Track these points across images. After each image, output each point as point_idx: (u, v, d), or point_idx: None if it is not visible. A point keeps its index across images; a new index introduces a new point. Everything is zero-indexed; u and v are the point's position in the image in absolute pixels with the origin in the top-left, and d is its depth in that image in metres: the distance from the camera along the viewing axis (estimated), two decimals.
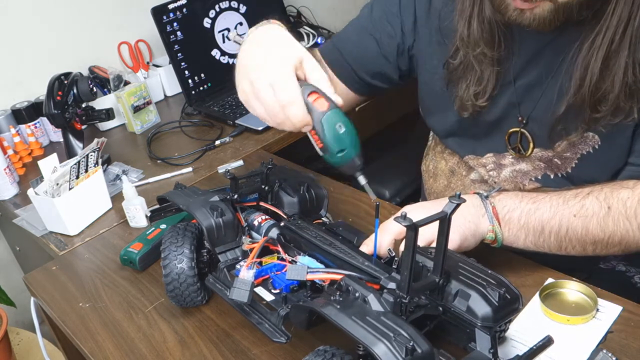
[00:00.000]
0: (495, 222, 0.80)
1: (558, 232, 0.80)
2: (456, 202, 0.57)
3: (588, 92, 0.79)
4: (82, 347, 0.83)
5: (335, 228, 0.82)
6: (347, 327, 0.56)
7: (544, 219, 0.80)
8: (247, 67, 0.76)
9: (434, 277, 0.62)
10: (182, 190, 0.87)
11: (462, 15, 0.87)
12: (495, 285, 0.61)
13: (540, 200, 0.82)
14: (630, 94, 0.78)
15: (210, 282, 0.80)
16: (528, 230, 0.81)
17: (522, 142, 0.93)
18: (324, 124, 0.70)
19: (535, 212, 0.81)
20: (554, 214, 0.80)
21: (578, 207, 0.80)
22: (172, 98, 1.72)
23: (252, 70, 0.75)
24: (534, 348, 0.60)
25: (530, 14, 0.76)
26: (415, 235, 0.56)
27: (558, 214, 0.80)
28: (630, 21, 0.74)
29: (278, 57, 0.75)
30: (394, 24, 0.99)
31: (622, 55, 0.76)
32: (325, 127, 0.70)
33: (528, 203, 0.82)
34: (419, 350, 0.52)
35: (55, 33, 1.59)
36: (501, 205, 0.82)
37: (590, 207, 0.79)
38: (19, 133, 1.46)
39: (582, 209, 0.79)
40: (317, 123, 0.71)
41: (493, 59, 0.87)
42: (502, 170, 0.98)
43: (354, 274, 0.67)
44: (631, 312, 0.75)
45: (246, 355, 0.77)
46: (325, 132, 0.70)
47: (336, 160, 0.72)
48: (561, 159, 0.90)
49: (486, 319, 0.60)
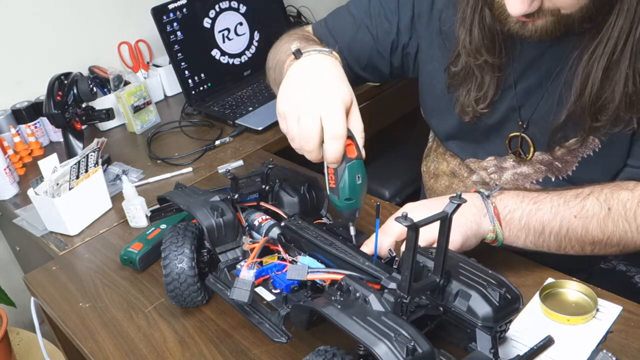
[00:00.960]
0: (497, 223, 0.81)
1: (558, 233, 0.81)
2: (457, 202, 0.57)
3: (588, 101, 0.80)
4: (82, 347, 0.83)
5: (336, 228, 0.82)
6: (347, 327, 0.56)
7: (544, 219, 0.80)
8: (303, 87, 0.76)
9: (434, 277, 0.62)
10: (182, 190, 0.87)
11: (463, 22, 0.87)
12: (495, 285, 0.61)
13: (542, 200, 0.82)
14: (631, 104, 0.78)
15: (210, 282, 0.80)
16: (529, 231, 0.81)
17: (522, 146, 0.93)
18: (347, 169, 0.73)
19: (537, 213, 0.81)
20: (555, 215, 0.80)
21: (579, 208, 0.80)
22: (172, 98, 1.72)
23: (307, 92, 0.75)
24: (535, 348, 0.61)
25: (532, 26, 0.77)
26: (416, 236, 0.56)
27: (559, 214, 0.80)
28: (631, 32, 0.74)
29: (337, 91, 0.74)
30: (391, 20, 0.99)
31: (623, 66, 0.76)
32: (347, 172, 0.74)
33: (529, 203, 0.82)
34: (420, 350, 0.52)
35: (55, 33, 1.59)
36: (502, 205, 0.82)
37: (591, 208, 0.79)
38: (19, 133, 1.46)
39: (582, 210, 0.80)
40: (341, 166, 0.74)
41: (494, 65, 0.88)
42: (503, 173, 0.98)
43: (354, 274, 0.67)
44: (631, 312, 0.75)
45: (246, 355, 0.77)
46: (345, 177, 0.74)
47: (341, 204, 0.76)
48: (562, 162, 0.90)
49: (487, 319, 0.60)
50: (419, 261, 0.65)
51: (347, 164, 0.73)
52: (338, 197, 0.75)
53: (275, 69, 0.99)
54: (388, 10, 0.99)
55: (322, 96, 0.74)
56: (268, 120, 1.41)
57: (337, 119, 0.72)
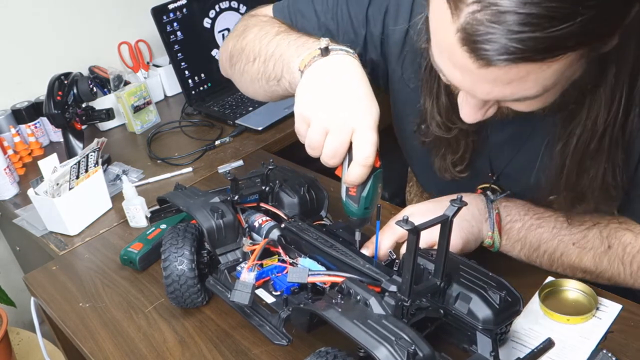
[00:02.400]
0: (496, 230, 0.80)
1: (552, 254, 0.80)
2: (458, 205, 0.57)
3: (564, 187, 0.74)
4: (82, 347, 0.83)
5: (336, 229, 0.82)
6: (348, 331, 0.56)
7: (543, 237, 0.80)
8: (335, 95, 0.68)
9: (435, 280, 0.62)
10: (182, 191, 0.87)
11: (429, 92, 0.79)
12: (496, 288, 0.61)
13: (545, 218, 0.80)
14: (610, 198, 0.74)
15: (210, 283, 0.81)
16: (524, 244, 0.81)
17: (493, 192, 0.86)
18: (373, 179, 0.70)
19: (537, 229, 0.80)
20: (554, 236, 0.79)
21: (579, 237, 0.79)
22: (172, 98, 1.72)
23: (340, 103, 0.68)
24: (535, 351, 0.61)
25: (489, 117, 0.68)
26: (417, 239, 0.56)
27: (558, 237, 0.79)
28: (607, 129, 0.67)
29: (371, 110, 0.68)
30: (358, 32, 0.89)
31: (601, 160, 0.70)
32: (371, 182, 0.70)
33: (532, 218, 0.80)
34: (421, 354, 0.52)
35: (55, 33, 1.59)
36: (505, 213, 0.81)
37: (592, 241, 0.78)
38: (19, 133, 1.46)
39: (582, 240, 0.78)
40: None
41: (468, 131, 0.80)
42: None
43: (355, 276, 0.67)
44: (631, 311, 0.75)
45: (246, 355, 0.77)
46: (369, 187, 0.70)
47: (357, 212, 0.72)
48: None
49: (487, 322, 0.60)
50: (419, 264, 0.65)
51: (373, 174, 0.70)
52: (357, 206, 0.72)
53: (270, 61, 0.83)
54: (355, 20, 0.88)
55: (357, 114, 0.67)
56: (268, 120, 1.41)
57: (369, 144, 0.66)
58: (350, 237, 0.78)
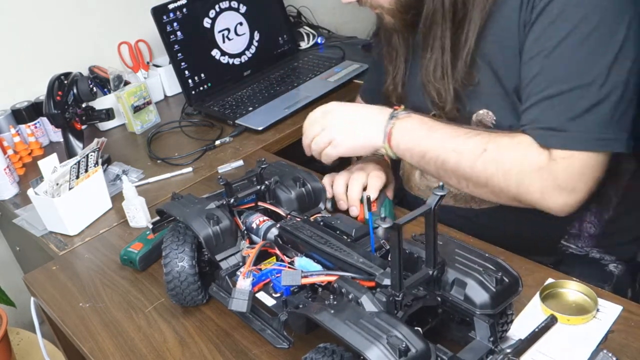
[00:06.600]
0: (386, 143, 0.91)
1: (435, 160, 0.88)
2: (440, 193, 0.56)
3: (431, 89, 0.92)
4: (82, 347, 0.83)
5: (334, 221, 0.81)
6: (341, 334, 0.55)
7: (429, 146, 0.88)
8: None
9: (427, 270, 0.61)
10: (178, 201, 0.86)
11: None
12: (492, 270, 0.60)
13: (436, 129, 0.88)
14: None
15: (214, 290, 0.81)
16: (412, 153, 0.90)
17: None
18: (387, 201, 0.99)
19: (425, 140, 0.88)
20: (438, 145, 0.87)
21: (460, 143, 0.85)
22: (172, 98, 1.72)
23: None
24: (537, 330, 0.60)
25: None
26: (399, 235, 0.55)
27: (441, 145, 0.87)
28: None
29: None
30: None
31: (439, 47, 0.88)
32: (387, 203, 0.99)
33: (423, 130, 0.89)
34: (413, 349, 0.52)
35: (55, 33, 1.59)
36: (400, 126, 0.90)
37: (470, 146, 0.84)
38: (19, 133, 1.46)
39: (461, 145, 0.85)
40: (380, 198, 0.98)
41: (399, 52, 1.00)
42: None
43: (347, 274, 0.66)
44: (631, 312, 0.75)
45: (246, 355, 0.77)
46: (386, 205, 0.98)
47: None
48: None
49: (484, 306, 0.59)
50: (413, 253, 0.65)
51: (385, 198, 0.99)
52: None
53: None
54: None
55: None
56: (268, 120, 1.41)
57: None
58: (348, 228, 0.78)
